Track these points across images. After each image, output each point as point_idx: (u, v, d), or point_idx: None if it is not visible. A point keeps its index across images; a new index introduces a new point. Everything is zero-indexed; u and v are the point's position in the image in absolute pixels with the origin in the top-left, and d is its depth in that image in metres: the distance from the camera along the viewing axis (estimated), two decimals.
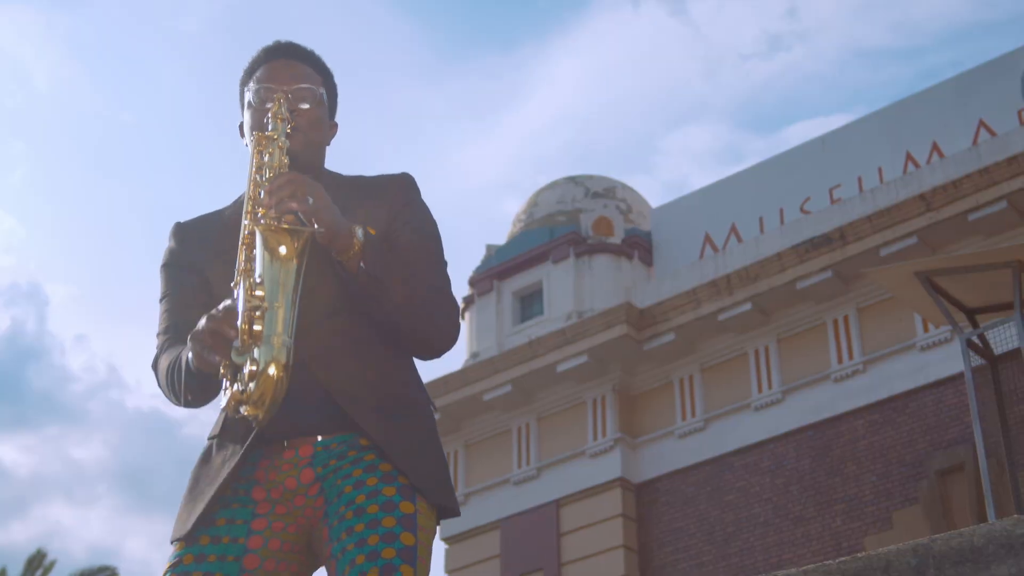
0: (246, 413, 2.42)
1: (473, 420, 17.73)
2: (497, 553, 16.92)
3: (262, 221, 2.48)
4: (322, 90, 2.82)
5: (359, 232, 2.53)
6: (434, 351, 2.70)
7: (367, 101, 50.90)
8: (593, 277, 17.89)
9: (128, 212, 51.50)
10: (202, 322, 2.46)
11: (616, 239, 18.33)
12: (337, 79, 2.93)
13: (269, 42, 2.87)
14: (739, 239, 17.26)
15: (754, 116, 54.00)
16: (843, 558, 2.51)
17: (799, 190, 17.17)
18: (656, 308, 16.56)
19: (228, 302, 2.48)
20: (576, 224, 18.63)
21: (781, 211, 17.14)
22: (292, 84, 2.77)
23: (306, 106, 2.77)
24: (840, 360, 15.47)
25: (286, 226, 2.46)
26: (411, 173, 2.80)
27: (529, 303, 18.47)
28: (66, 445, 50.44)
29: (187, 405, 2.66)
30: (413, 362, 2.75)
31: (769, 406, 15.79)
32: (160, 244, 2.62)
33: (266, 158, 2.61)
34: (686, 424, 16.32)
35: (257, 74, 2.80)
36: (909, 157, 16.37)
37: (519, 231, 19.28)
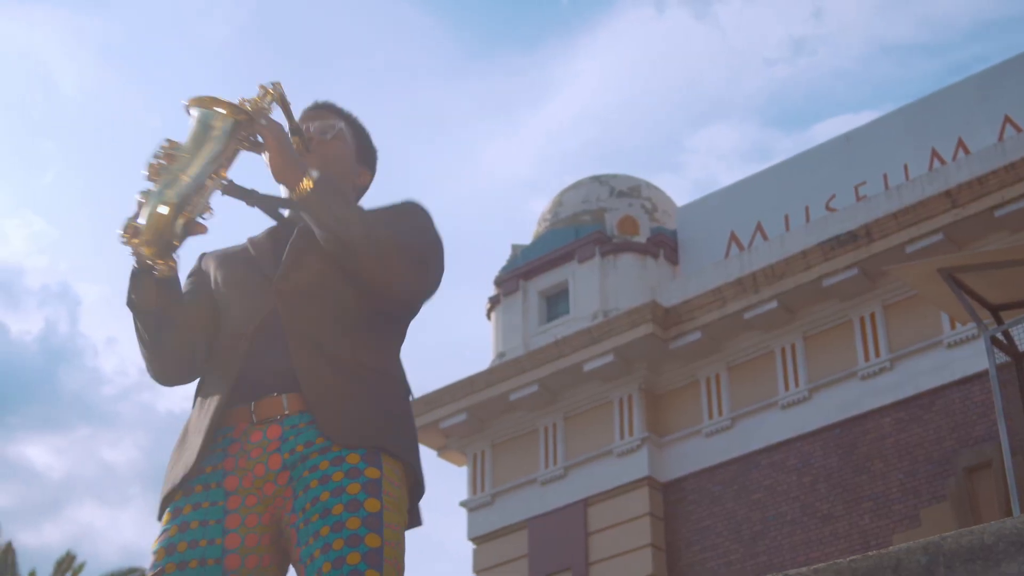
0: (137, 248, 2.51)
1: (500, 420, 17.75)
2: (525, 553, 16.93)
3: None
4: (341, 124, 2.90)
5: (313, 173, 2.59)
6: (395, 295, 2.67)
7: (392, 99, 51.00)
8: (618, 276, 17.88)
9: None
10: None
11: (641, 238, 18.31)
12: (362, 77, 3.03)
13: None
14: (764, 237, 17.22)
15: (781, 113, 53.87)
16: (854, 556, 2.52)
17: (824, 187, 17.11)
18: (682, 307, 16.55)
19: None
20: (601, 223, 18.63)
21: (806, 208, 17.09)
22: (312, 121, 2.89)
23: (326, 136, 2.87)
24: (867, 357, 15.43)
25: (223, 99, 2.57)
26: (416, 201, 2.83)
27: (555, 303, 18.47)
28: (98, 447, 50.69)
29: (135, 309, 2.69)
30: (391, 339, 2.73)
31: (795, 404, 15.76)
32: (188, 246, 2.69)
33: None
34: (713, 423, 16.30)
35: None
36: (934, 153, 16.31)
37: (544, 231, 19.29)
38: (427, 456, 18.40)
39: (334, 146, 2.88)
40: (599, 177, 19.71)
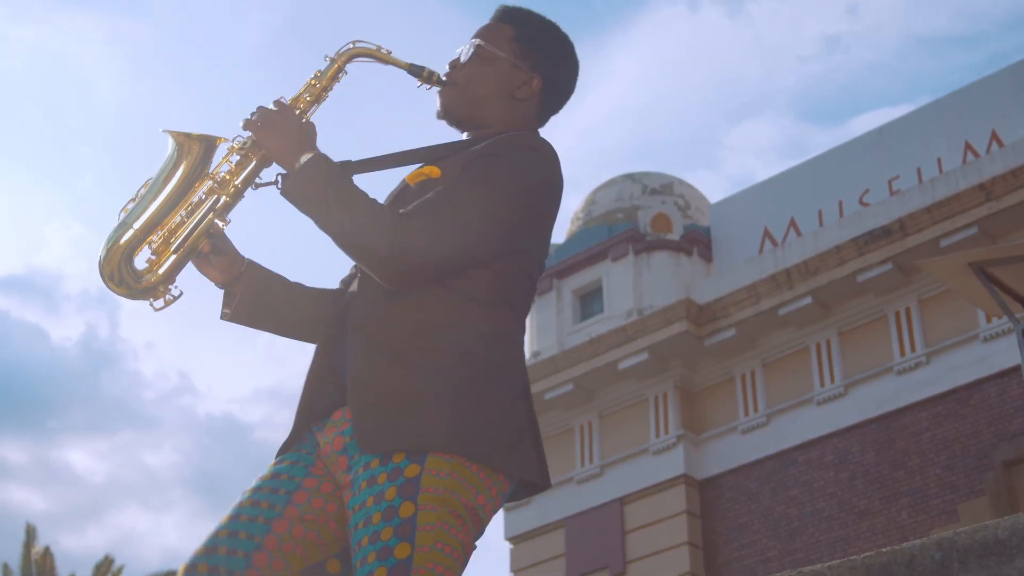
0: (114, 290, 2.61)
1: None
2: (562, 552, 16.95)
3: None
4: (478, 40, 2.77)
5: (304, 157, 2.50)
6: (380, 275, 2.49)
7: (421, 99, 51.05)
8: (652, 274, 17.86)
9: None
10: None
11: (674, 235, 18.29)
12: (390, 77, 2.95)
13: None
14: (798, 233, 17.17)
15: (817, 108, 53.72)
16: (868, 553, 2.53)
17: (858, 182, 17.04)
18: (716, 304, 16.52)
19: None
20: (634, 221, 18.61)
21: (840, 203, 17.02)
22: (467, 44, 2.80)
23: (460, 60, 2.78)
24: (903, 352, 15.36)
25: (196, 133, 2.63)
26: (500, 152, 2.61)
27: (589, 301, 18.47)
28: (139, 451, 51.05)
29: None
30: (480, 314, 2.54)
31: (831, 400, 15.71)
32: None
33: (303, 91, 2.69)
34: (748, 420, 16.27)
35: None
36: (968, 147, 16.21)
37: (577, 229, 19.29)
38: None
39: (468, 69, 2.76)
40: (631, 175, 19.68)
